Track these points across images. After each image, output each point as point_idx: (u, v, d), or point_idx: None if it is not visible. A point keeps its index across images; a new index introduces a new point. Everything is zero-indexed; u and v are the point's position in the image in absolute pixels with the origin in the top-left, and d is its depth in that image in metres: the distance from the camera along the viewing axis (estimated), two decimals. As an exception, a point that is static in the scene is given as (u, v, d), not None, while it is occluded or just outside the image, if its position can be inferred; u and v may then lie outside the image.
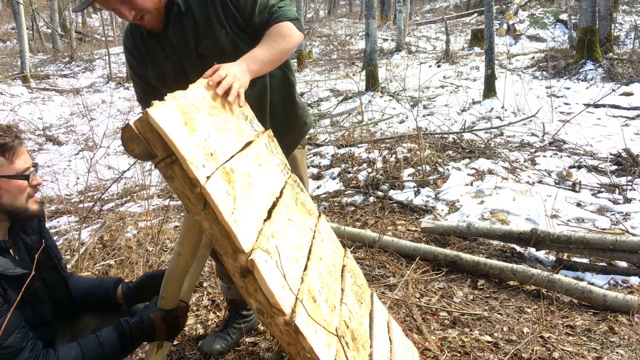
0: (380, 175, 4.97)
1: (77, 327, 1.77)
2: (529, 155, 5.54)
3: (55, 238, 2.79)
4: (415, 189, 4.66)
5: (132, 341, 1.55)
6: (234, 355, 2.37)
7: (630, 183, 4.48)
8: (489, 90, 8.32)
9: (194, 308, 2.81)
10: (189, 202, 1.21)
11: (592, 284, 2.95)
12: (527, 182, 4.63)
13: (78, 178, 5.85)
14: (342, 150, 5.80)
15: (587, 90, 8.42)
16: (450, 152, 5.57)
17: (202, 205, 1.20)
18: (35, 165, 1.55)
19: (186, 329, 2.58)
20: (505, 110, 7.72)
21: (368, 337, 1.68)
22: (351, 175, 5.11)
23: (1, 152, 1.44)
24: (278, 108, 2.07)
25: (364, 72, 10.50)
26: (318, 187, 4.99)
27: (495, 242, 3.58)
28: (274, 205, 1.52)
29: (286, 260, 1.35)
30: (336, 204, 4.53)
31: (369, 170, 5.13)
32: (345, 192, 4.78)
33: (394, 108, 8.41)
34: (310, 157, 5.82)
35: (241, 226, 1.24)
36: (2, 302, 1.39)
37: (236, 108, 1.64)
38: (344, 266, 1.83)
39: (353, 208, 4.46)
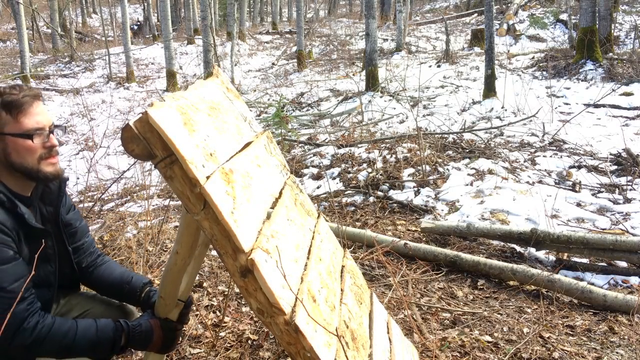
0: (380, 175, 4.97)
1: (69, 304, 1.77)
2: (529, 155, 5.54)
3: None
4: (415, 189, 4.66)
5: (127, 340, 1.52)
6: (236, 354, 2.37)
7: (630, 183, 4.48)
8: (489, 90, 8.32)
9: (194, 308, 2.80)
10: (189, 202, 1.21)
11: (592, 284, 2.95)
12: (527, 182, 4.63)
13: (78, 178, 5.84)
14: (342, 150, 5.79)
15: (587, 90, 8.42)
16: (450, 152, 5.57)
17: (202, 205, 1.20)
18: (57, 127, 1.49)
19: (186, 328, 2.58)
20: (505, 110, 7.72)
21: (368, 337, 1.68)
22: (351, 175, 5.11)
23: (7, 109, 1.40)
24: None
25: (364, 72, 10.50)
26: (318, 187, 4.99)
27: (495, 242, 3.58)
28: (274, 205, 1.52)
29: (286, 260, 1.35)
30: (336, 204, 4.53)
31: (369, 170, 5.13)
32: (345, 192, 4.77)
33: (394, 108, 8.41)
34: (310, 157, 5.82)
35: (241, 226, 1.24)
36: (15, 251, 1.38)
37: (235, 109, 1.64)
38: (343, 267, 1.84)
39: (353, 208, 4.46)
